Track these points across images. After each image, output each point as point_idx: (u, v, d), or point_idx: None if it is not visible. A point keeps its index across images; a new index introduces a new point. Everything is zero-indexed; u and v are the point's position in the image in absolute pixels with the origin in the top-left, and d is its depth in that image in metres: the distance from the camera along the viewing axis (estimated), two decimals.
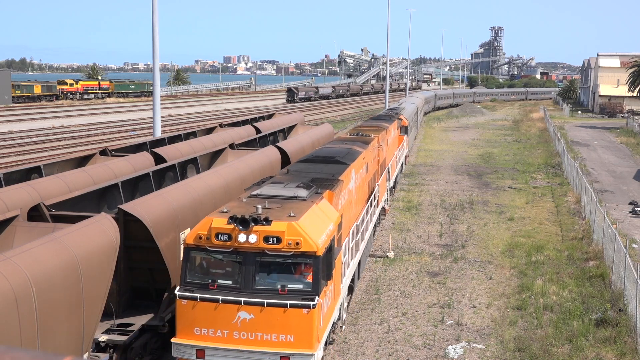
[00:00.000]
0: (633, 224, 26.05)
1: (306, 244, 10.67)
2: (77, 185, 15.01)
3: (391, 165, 27.86)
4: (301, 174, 14.86)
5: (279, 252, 10.70)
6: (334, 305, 12.59)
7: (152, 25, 27.36)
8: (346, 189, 15.23)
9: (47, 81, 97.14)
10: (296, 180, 13.73)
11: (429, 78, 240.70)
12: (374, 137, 22.59)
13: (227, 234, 10.65)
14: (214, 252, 10.89)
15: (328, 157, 16.90)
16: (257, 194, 12.38)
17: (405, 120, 36.60)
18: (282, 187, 12.78)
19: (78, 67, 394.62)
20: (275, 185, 13.00)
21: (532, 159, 44.03)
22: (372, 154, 21.39)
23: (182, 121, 66.27)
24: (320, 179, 14.22)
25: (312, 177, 14.35)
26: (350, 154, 17.82)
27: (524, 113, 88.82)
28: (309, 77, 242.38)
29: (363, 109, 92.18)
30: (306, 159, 16.91)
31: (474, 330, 15.41)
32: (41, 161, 19.50)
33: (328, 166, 15.98)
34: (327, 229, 11.64)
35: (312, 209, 11.58)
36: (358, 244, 16.60)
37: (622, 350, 13.87)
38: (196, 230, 10.94)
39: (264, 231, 10.59)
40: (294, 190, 12.54)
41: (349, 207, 15.77)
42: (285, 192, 12.42)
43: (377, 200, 21.99)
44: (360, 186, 18.15)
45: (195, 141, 23.86)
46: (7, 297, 8.18)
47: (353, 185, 16.59)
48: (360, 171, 18.02)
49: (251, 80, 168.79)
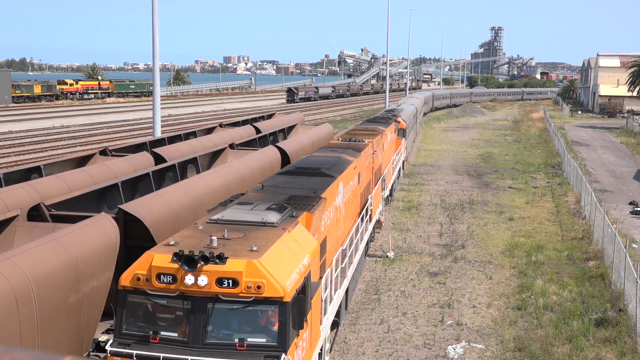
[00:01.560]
0: (633, 224, 26.05)
1: (270, 288, 8.55)
2: (77, 185, 15.01)
3: (387, 172, 26.16)
4: (278, 190, 12.99)
5: (235, 297, 8.56)
6: (311, 355, 10.45)
7: (152, 25, 27.36)
8: (331, 206, 13.55)
9: (47, 81, 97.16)
10: (270, 198, 11.83)
11: (429, 78, 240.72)
12: (368, 143, 21.06)
13: (171, 275, 8.58)
14: (155, 296, 8.76)
15: (312, 169, 15.05)
16: (218, 219, 10.17)
17: (404, 122, 35.22)
18: (250, 210, 10.61)
19: (78, 67, 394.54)
20: (242, 207, 10.82)
21: (532, 159, 44.03)
22: (365, 162, 19.73)
23: (182, 121, 66.27)
24: (299, 197, 12.31)
25: (290, 194, 12.46)
26: (338, 165, 16.02)
27: (524, 113, 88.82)
28: (309, 77, 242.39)
29: (363, 109, 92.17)
30: (287, 171, 15.05)
31: (474, 330, 15.41)
32: (41, 161, 19.51)
33: (311, 180, 14.07)
34: (300, 264, 9.57)
35: (282, 239, 9.55)
36: (345, 269, 14.77)
37: (622, 350, 13.87)
38: (134, 270, 8.84)
39: (217, 271, 8.49)
40: (263, 213, 10.36)
41: (335, 228, 14.15)
42: (251, 217, 10.22)
43: (370, 214, 20.07)
44: (350, 200, 16.46)
45: (195, 141, 23.86)
46: (7, 297, 8.18)
47: (341, 201, 14.90)
48: (350, 183, 16.33)
49: (251, 80, 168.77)
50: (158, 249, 9.04)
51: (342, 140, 21.41)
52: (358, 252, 16.82)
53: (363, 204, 19.02)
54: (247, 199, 11.89)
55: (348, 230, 16.06)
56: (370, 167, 21.05)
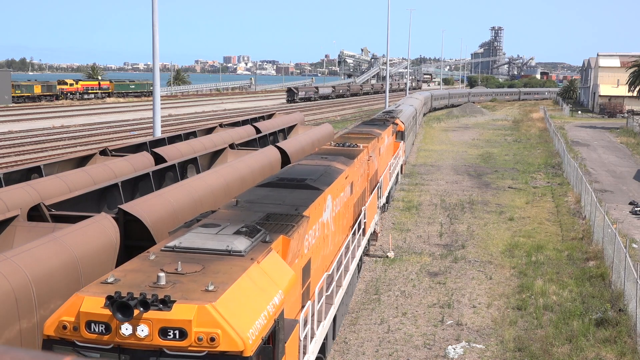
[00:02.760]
0: (633, 224, 26.05)
1: (227, 339, 6.85)
2: (77, 185, 15.01)
3: (383, 179, 24.53)
4: (254, 206, 11.31)
5: (184, 351, 6.86)
6: None
7: (152, 25, 27.36)
8: (317, 223, 12.03)
9: (47, 81, 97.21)
10: (243, 217, 10.16)
11: (429, 78, 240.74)
12: (363, 149, 19.57)
13: (103, 324, 6.86)
14: (86, 349, 7.00)
15: (296, 180, 13.39)
16: (175, 246, 8.44)
17: (402, 124, 33.96)
18: (215, 234, 8.80)
19: (78, 67, 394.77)
20: (207, 230, 9.02)
21: (532, 159, 44.04)
22: (360, 170, 18.33)
23: (182, 121, 66.27)
24: (277, 215, 10.59)
25: (268, 211, 10.80)
26: (327, 175, 14.41)
27: (524, 113, 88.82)
28: (309, 77, 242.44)
29: (363, 109, 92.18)
30: (268, 183, 13.27)
31: (474, 330, 15.41)
32: (41, 161, 19.51)
33: (295, 193, 12.49)
34: (269, 304, 7.78)
35: (248, 273, 7.79)
36: (332, 296, 13.00)
37: (622, 350, 13.87)
38: (60, 315, 7.07)
39: (160, 320, 6.79)
40: (229, 239, 8.56)
41: (322, 247, 12.59)
42: (215, 244, 8.45)
43: (364, 228, 18.44)
44: (341, 214, 14.92)
45: (195, 141, 23.86)
46: (7, 297, 8.18)
47: (329, 216, 13.35)
48: (341, 195, 14.81)
49: (251, 80, 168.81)
50: (90, 289, 7.16)
51: (335, 145, 19.92)
52: (349, 272, 15.04)
53: (356, 216, 17.52)
54: (216, 218, 10.15)
55: (339, 247, 14.63)
56: (365, 175, 19.70)
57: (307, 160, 16.46)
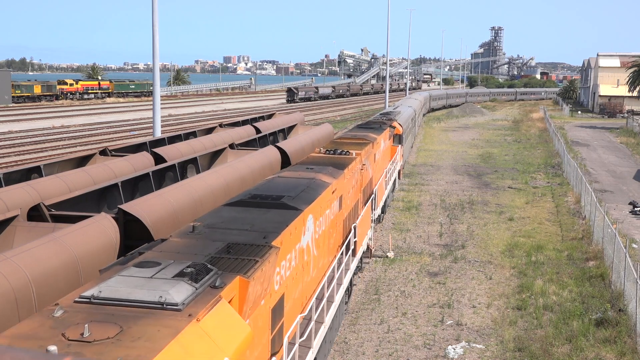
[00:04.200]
0: (633, 224, 26.06)
1: None
2: (77, 185, 15.01)
3: (378, 188, 22.63)
4: (215, 233, 9.34)
5: None
6: None
7: (152, 25, 27.37)
8: (293, 251, 10.21)
9: (47, 81, 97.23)
10: (195, 249, 8.36)
11: (429, 78, 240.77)
12: (356, 157, 17.77)
13: None
14: None
15: (272, 198, 11.43)
16: (92, 295, 6.47)
17: (400, 127, 32.37)
18: (150, 277, 6.87)
19: (78, 67, 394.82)
20: (142, 270, 7.09)
21: (532, 159, 44.04)
22: (351, 181, 16.47)
23: (182, 121, 66.28)
24: (239, 245, 8.65)
25: (230, 240, 8.89)
26: (310, 190, 12.52)
27: (524, 113, 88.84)
28: (309, 77, 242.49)
29: (363, 109, 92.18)
30: (238, 201, 11.28)
31: (474, 330, 15.42)
32: (41, 161, 19.51)
33: (268, 214, 10.54)
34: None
35: (178, 341, 5.85)
36: (311, 338, 11.13)
37: (622, 350, 13.88)
38: None
39: None
40: (165, 285, 6.63)
41: (300, 277, 10.72)
42: (145, 293, 6.50)
43: (355, 248, 16.38)
44: (326, 234, 13.15)
45: (195, 141, 23.86)
46: (7, 297, 8.19)
47: (309, 240, 11.47)
48: (326, 212, 13.01)
49: (251, 80, 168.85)
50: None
51: (325, 152, 18.13)
52: (334, 304, 13.19)
53: (347, 233, 15.83)
54: (164, 250, 8.33)
55: (324, 271, 12.98)
56: (358, 185, 17.95)
57: (289, 172, 14.49)
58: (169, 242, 8.78)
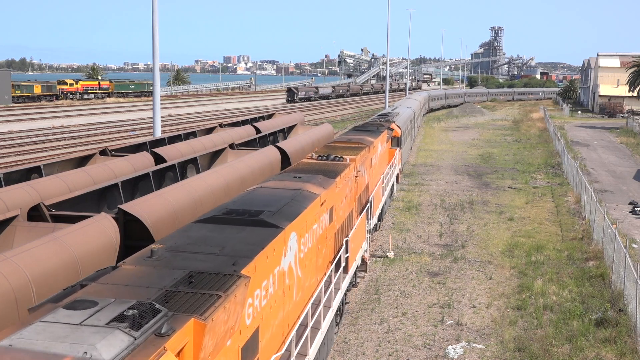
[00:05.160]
0: (633, 224, 26.06)
1: None
2: (77, 185, 15.02)
3: (375, 195, 21.18)
4: (177, 257, 8.00)
5: None
6: None
7: (152, 25, 27.38)
8: (269, 278, 8.89)
9: (47, 81, 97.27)
10: (149, 281, 7.07)
11: (429, 78, 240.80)
12: (350, 163, 16.60)
13: None
14: None
15: (250, 214, 10.11)
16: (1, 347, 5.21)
17: (398, 129, 31.27)
18: (78, 324, 5.62)
19: (78, 67, 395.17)
20: (71, 314, 5.80)
21: (532, 159, 44.05)
22: (344, 190, 15.21)
23: (182, 121, 66.29)
24: (203, 275, 7.39)
25: (193, 267, 7.65)
26: (294, 203, 11.19)
27: (524, 113, 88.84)
28: (309, 77, 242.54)
29: (363, 109, 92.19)
30: (211, 217, 9.94)
31: (474, 330, 15.42)
32: (41, 161, 19.52)
33: (243, 233, 9.22)
34: None
35: None
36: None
37: (622, 350, 13.88)
38: None
39: None
40: (94, 336, 5.39)
41: (279, 307, 9.49)
42: (65, 347, 5.21)
43: (347, 265, 14.98)
44: (313, 252, 11.81)
45: (195, 141, 23.87)
46: (7, 297, 8.19)
47: (292, 261, 10.18)
48: (313, 228, 11.70)
49: (251, 80, 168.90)
50: None
51: (317, 158, 16.82)
52: (321, 331, 11.81)
53: (339, 247, 14.47)
54: (107, 283, 6.97)
55: (311, 293, 11.66)
56: (353, 194, 16.76)
57: (273, 182, 13.06)
58: (120, 270, 7.46)
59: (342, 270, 14.38)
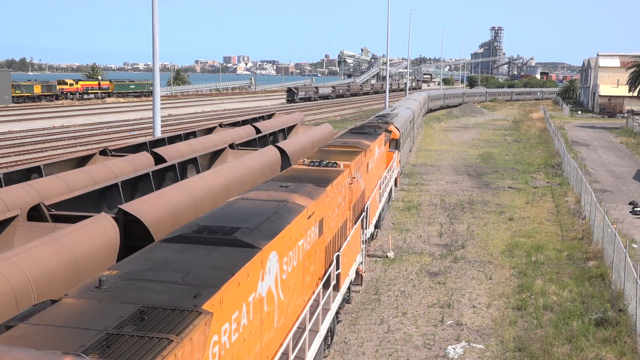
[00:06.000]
0: (633, 224, 26.07)
1: None
2: (77, 185, 15.02)
3: (371, 202, 19.82)
4: (131, 288, 6.88)
5: None
6: None
7: (152, 25, 27.38)
8: (242, 308, 7.80)
9: (47, 81, 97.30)
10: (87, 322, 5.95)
11: (429, 78, 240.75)
12: (344, 169, 15.59)
13: None
14: None
15: (223, 232, 8.97)
16: None
17: (397, 131, 30.29)
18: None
19: (78, 67, 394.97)
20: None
21: (532, 159, 44.05)
22: (336, 199, 14.17)
23: (182, 121, 66.29)
24: (156, 310, 6.33)
25: (146, 302, 6.51)
26: (276, 218, 10.04)
27: (524, 113, 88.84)
28: (309, 77, 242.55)
29: (363, 109, 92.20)
30: (179, 236, 8.77)
31: (474, 330, 15.42)
32: (41, 161, 19.52)
33: (214, 254, 8.15)
34: None
35: None
36: None
37: (622, 350, 13.88)
38: None
39: None
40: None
41: (255, 338, 8.39)
42: None
43: (338, 282, 13.68)
44: (299, 270, 10.71)
45: (195, 141, 23.87)
46: (7, 297, 8.19)
47: (272, 284, 9.09)
48: (299, 244, 10.59)
49: (251, 80, 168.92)
50: None
51: (309, 164, 15.83)
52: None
53: (330, 262, 13.33)
54: (37, 324, 5.89)
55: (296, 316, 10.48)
56: (347, 202, 15.75)
57: (257, 192, 11.86)
58: (60, 305, 6.39)
59: (333, 288, 13.03)
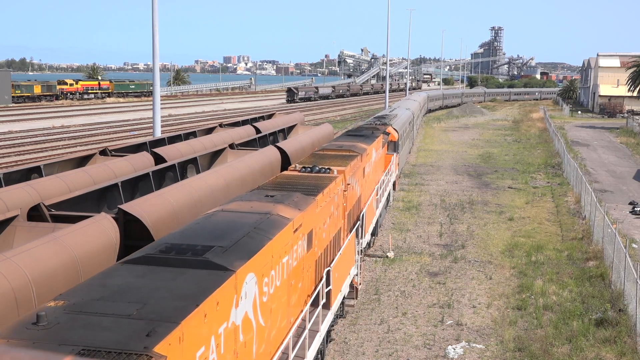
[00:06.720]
0: (633, 224, 26.07)
1: None
2: (77, 185, 15.01)
3: (368, 208, 18.88)
4: (74, 324, 5.83)
5: None
6: None
7: (152, 25, 27.37)
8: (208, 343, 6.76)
9: (47, 81, 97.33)
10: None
11: (429, 78, 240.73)
12: (338, 175, 14.68)
13: None
14: None
15: (193, 251, 7.96)
16: None
17: (395, 133, 29.49)
18: None
19: (78, 67, 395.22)
20: None
21: (532, 159, 44.05)
22: (328, 208, 13.13)
23: (182, 121, 66.29)
24: (98, 353, 5.30)
25: (87, 343, 5.43)
26: (256, 234, 9.04)
27: (524, 113, 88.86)
28: (309, 77, 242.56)
29: (363, 109, 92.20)
30: (143, 257, 7.80)
31: (474, 330, 15.42)
32: (41, 161, 19.52)
33: (180, 279, 7.14)
34: None
35: None
36: None
37: (622, 350, 13.88)
38: None
39: None
40: None
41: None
42: None
43: (329, 301, 12.51)
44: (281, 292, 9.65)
45: (195, 141, 23.86)
46: (7, 297, 8.19)
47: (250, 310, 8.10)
48: (282, 261, 9.61)
49: (251, 80, 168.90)
50: None
51: (301, 170, 14.97)
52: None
53: (321, 277, 12.28)
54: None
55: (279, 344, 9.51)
56: (340, 211, 14.70)
57: (238, 203, 10.74)
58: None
59: (323, 306, 11.88)
